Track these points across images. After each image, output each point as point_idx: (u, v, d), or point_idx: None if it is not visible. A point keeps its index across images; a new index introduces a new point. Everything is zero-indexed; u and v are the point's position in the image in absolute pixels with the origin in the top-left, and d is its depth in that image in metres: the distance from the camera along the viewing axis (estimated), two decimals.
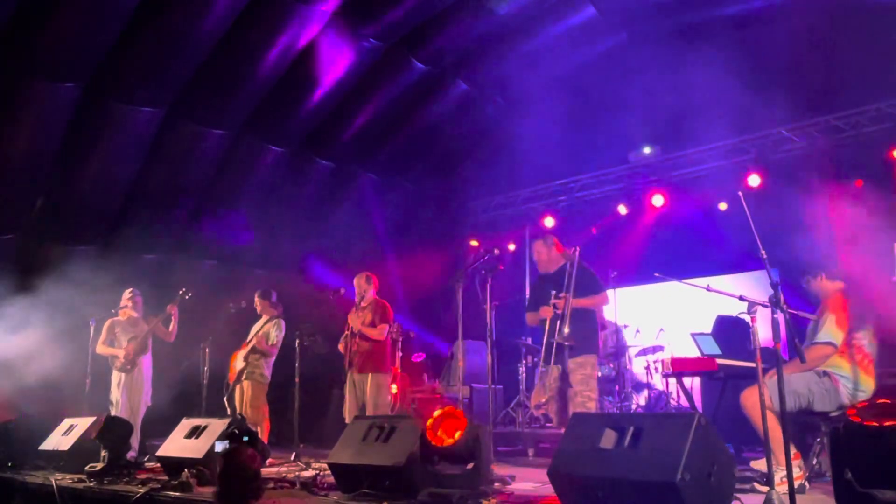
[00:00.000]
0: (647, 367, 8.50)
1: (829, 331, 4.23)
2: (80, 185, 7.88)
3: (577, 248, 5.54)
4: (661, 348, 8.45)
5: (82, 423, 6.00)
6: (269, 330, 7.08)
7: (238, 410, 6.93)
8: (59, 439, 6.06)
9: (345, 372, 6.59)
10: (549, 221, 10.06)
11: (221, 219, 8.60)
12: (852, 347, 4.24)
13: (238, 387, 6.98)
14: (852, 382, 4.19)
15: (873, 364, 4.25)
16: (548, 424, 6.03)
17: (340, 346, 6.61)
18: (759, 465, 4.26)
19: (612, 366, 8.44)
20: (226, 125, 8.35)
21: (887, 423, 2.73)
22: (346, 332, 6.56)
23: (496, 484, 4.52)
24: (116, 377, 7.12)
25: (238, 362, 7.05)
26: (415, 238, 10.61)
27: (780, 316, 3.27)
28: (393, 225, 10.49)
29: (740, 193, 3.55)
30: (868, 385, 4.20)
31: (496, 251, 5.89)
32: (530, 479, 4.95)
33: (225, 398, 6.99)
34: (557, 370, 5.49)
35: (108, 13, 6.79)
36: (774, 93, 7.76)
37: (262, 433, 6.88)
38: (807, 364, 4.17)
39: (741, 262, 7.79)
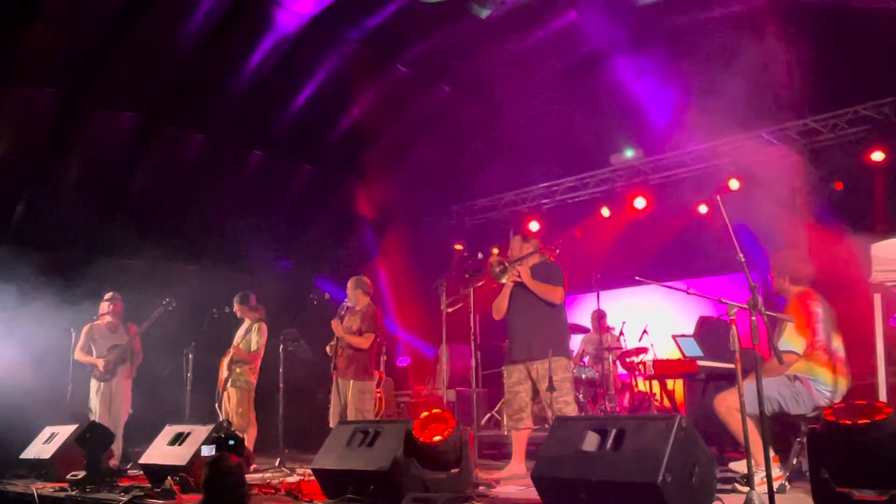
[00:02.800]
0: (631, 369, 8.54)
1: (789, 339, 4.24)
2: (61, 191, 7.82)
3: (553, 249, 5.54)
4: (644, 350, 8.50)
5: (64, 431, 5.94)
6: (249, 337, 7.05)
7: (223, 418, 6.89)
8: (41, 447, 6.01)
9: (330, 376, 6.56)
10: (534, 225, 10.11)
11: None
12: (820, 350, 4.25)
13: (225, 394, 6.96)
14: (824, 384, 4.20)
15: (844, 363, 4.28)
16: (535, 427, 6.04)
17: (328, 350, 6.55)
18: (739, 466, 4.30)
19: (595, 368, 8.49)
20: (207, 129, 8.32)
21: (862, 422, 2.77)
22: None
23: (481, 487, 4.53)
24: (95, 385, 7.06)
25: (224, 370, 7.04)
26: (399, 241, 10.61)
27: (758, 318, 3.31)
28: (376, 228, 10.48)
29: (718, 198, 3.58)
30: (842, 385, 4.23)
31: (480, 255, 5.91)
32: (515, 482, 4.97)
33: (216, 405, 6.98)
34: (520, 373, 5.45)
35: (87, 18, 6.76)
36: (754, 96, 7.84)
37: (249, 439, 6.86)
38: (774, 370, 4.21)
39: (723, 264, 7.86)
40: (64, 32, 6.81)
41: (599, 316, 9.05)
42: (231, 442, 3.71)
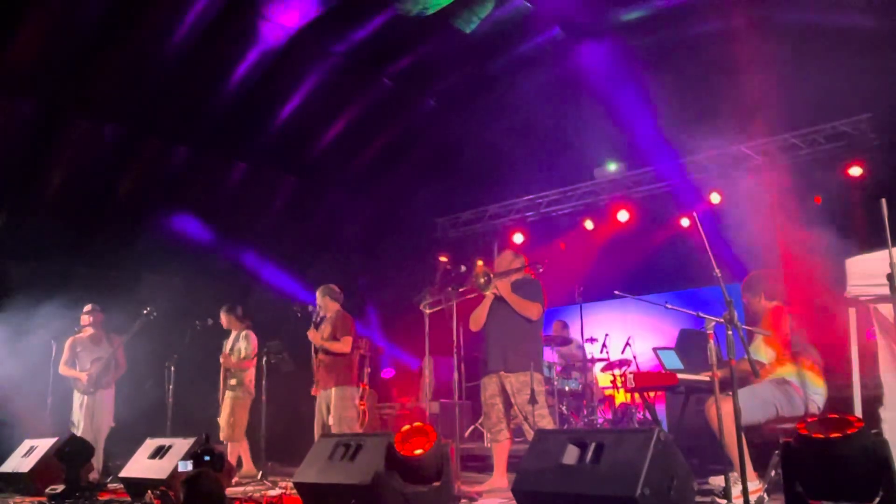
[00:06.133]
0: (614, 381, 8.58)
1: (756, 349, 4.39)
2: (43, 201, 7.78)
3: (538, 266, 5.60)
4: (627, 362, 8.55)
5: (43, 445, 5.89)
6: (239, 346, 7.07)
7: (222, 428, 6.91)
8: (20, 461, 5.94)
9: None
10: (518, 237, 10.17)
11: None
12: (799, 356, 4.38)
13: (224, 404, 6.99)
14: (811, 387, 4.34)
15: (821, 368, 4.42)
16: (517, 440, 6.05)
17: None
18: (718, 480, 4.34)
19: (578, 380, 8.53)
20: (191, 141, 8.32)
21: (833, 436, 2.82)
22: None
23: (462, 501, 4.54)
24: (79, 398, 7.01)
25: (221, 382, 7.07)
26: (383, 254, 10.62)
27: (733, 333, 3.37)
28: (361, 241, 10.49)
29: (695, 214, 3.65)
30: (822, 388, 4.39)
31: (463, 268, 5.93)
32: (497, 496, 4.98)
33: (218, 419, 7.03)
34: (495, 385, 5.48)
35: (72, 29, 6.75)
36: (735, 111, 7.96)
37: (242, 451, 6.86)
38: (748, 381, 4.31)
39: (704, 277, 7.91)
40: (47, 42, 6.80)
41: (563, 326, 9.15)
42: (207, 458, 3.67)
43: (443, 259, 10.66)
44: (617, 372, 8.55)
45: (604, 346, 8.91)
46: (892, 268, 3.29)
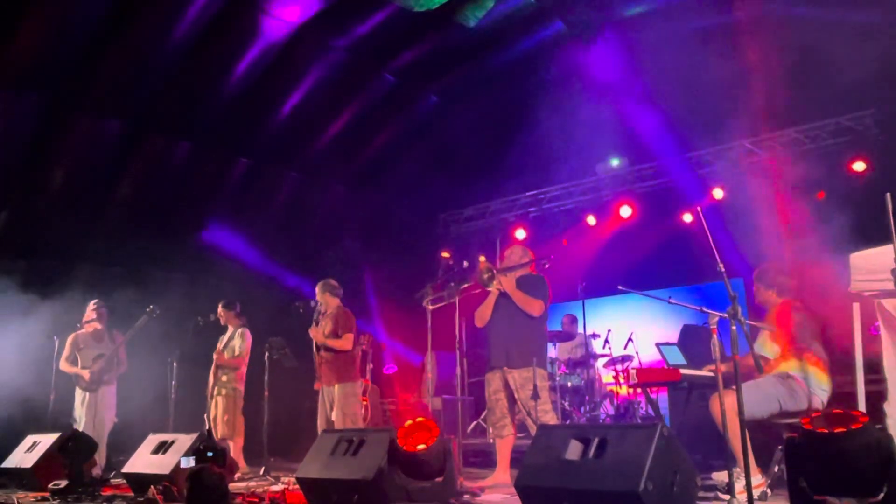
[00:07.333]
0: (616, 377, 8.58)
1: (761, 344, 4.40)
2: (46, 197, 7.78)
3: (543, 262, 5.60)
4: (630, 358, 8.55)
5: (46, 440, 5.90)
6: (233, 343, 7.06)
7: (211, 425, 6.89)
8: (22, 456, 5.96)
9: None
10: (521, 233, 10.15)
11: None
12: (803, 351, 4.37)
13: (213, 402, 6.96)
14: (816, 382, 4.33)
15: (825, 364, 4.41)
16: (520, 435, 6.05)
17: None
18: (722, 475, 4.34)
19: (581, 375, 8.53)
20: (194, 137, 8.32)
21: (838, 431, 2.81)
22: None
23: (465, 496, 4.54)
24: (80, 395, 7.00)
25: (211, 378, 7.04)
26: (386, 250, 10.61)
27: (737, 328, 3.36)
28: (363, 237, 10.48)
29: (699, 209, 3.64)
30: (826, 383, 4.37)
31: (465, 263, 5.93)
32: (500, 491, 4.98)
33: (206, 414, 6.98)
34: (499, 380, 5.48)
35: (74, 25, 6.75)
36: (739, 106, 7.93)
37: (235, 448, 6.84)
38: (752, 376, 4.32)
39: (708, 272, 7.89)
40: (50, 38, 6.80)
41: (572, 320, 9.14)
42: (210, 454, 3.67)
43: (445, 255, 10.64)
44: (619, 367, 8.54)
45: (606, 341, 8.91)
46: None
